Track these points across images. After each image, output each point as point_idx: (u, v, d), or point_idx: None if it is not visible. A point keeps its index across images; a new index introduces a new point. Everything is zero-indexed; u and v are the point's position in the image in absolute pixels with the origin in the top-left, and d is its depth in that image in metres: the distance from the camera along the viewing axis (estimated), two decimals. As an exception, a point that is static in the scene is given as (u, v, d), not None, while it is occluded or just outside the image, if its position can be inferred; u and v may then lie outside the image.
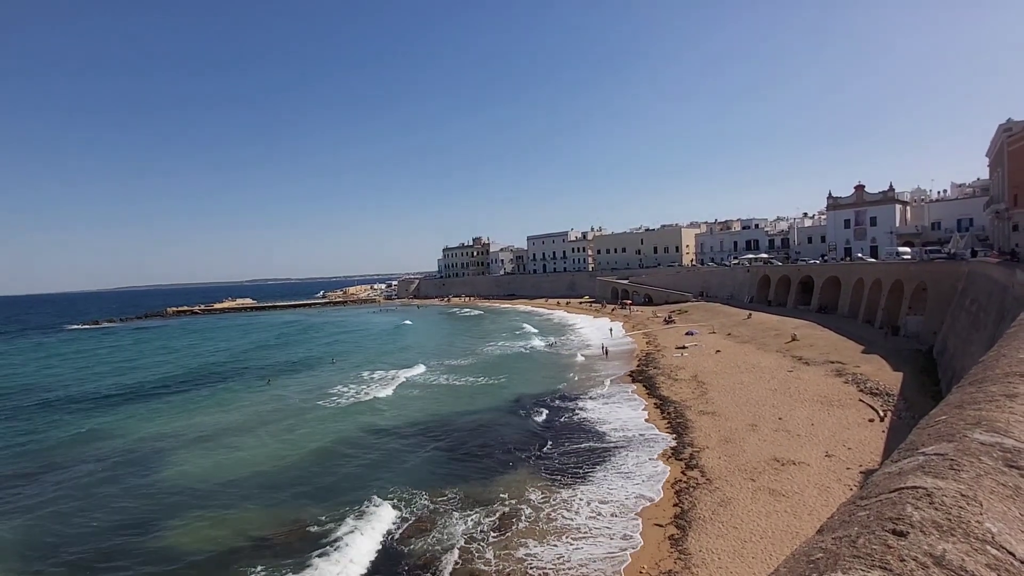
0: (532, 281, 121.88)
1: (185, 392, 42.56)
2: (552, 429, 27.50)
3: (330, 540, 17.39)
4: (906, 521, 1.35)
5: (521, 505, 18.88)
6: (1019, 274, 18.44)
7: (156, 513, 20.33)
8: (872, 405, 24.38)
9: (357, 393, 38.46)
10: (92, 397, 42.10)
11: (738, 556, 14.19)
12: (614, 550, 15.65)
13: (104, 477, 24.45)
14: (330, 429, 30.02)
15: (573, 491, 19.68)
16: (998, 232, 45.02)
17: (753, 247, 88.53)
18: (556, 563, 15.24)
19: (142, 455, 27.30)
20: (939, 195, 73.71)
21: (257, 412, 34.77)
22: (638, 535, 16.33)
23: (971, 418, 2.20)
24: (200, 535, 18.43)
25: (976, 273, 28.58)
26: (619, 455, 22.81)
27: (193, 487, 22.69)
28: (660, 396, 31.01)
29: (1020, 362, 3.12)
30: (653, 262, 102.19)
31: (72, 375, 53.02)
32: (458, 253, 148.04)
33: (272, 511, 19.90)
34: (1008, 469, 1.70)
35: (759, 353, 38.77)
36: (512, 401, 33.85)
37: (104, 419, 34.99)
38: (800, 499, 16.67)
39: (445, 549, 16.44)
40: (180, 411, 36.29)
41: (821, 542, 1.40)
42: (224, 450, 27.42)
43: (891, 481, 1.69)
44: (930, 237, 62.66)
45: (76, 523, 19.89)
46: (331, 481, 22.53)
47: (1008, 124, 42.50)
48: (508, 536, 16.91)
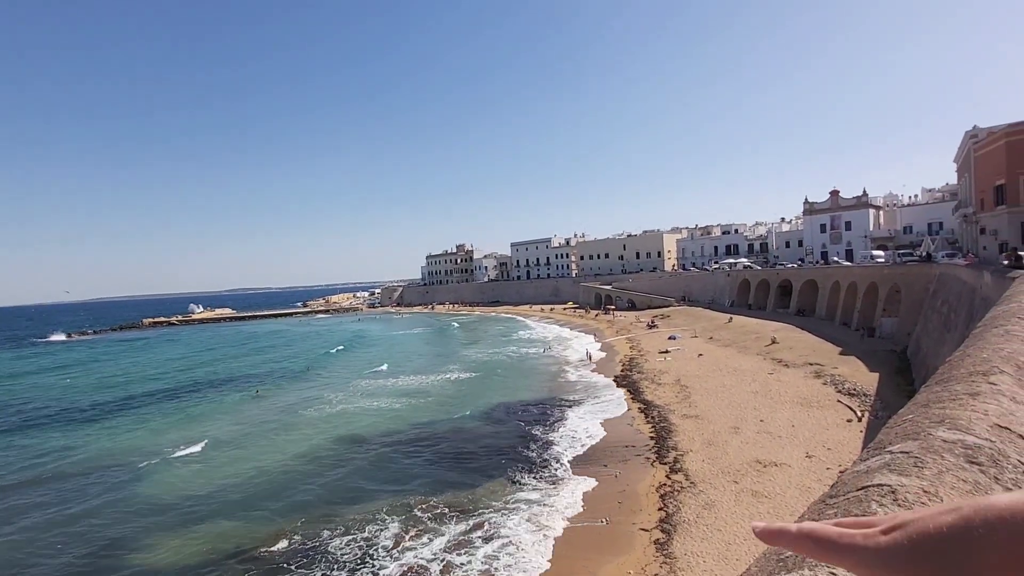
0: (516, 288, 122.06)
1: (160, 404, 41.53)
2: (534, 435, 27.45)
3: (312, 551, 17.08)
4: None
5: (506, 512, 18.80)
6: (986, 276, 19.05)
7: (132, 529, 19.76)
8: (850, 406, 24.88)
9: (332, 403, 37.96)
10: (66, 413, 40.82)
11: (723, 558, 14.31)
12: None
13: (79, 493, 23.70)
14: (310, 440, 29.55)
15: (557, 495, 19.66)
16: (966, 235, 46.50)
17: (733, 252, 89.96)
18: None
19: (118, 470, 26.53)
20: (910, 200, 76.01)
21: (237, 424, 34.08)
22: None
23: (936, 416, 2.27)
24: (178, 550, 17.95)
25: (946, 275, 29.45)
26: (603, 458, 22.87)
27: (170, 502, 22.10)
28: (644, 400, 31.22)
29: (984, 361, 3.23)
30: (635, 267, 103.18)
31: (44, 392, 51.37)
32: (442, 260, 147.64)
33: (251, 524, 19.48)
34: (968, 465, 1.76)
35: (740, 356, 39.33)
36: (492, 408, 33.73)
37: (78, 435, 33.99)
38: (782, 500, 16.91)
39: (429, 559, 16.26)
40: (153, 424, 35.40)
41: (790, 541, 1.43)
42: (201, 464, 26.80)
43: (858, 479, 1.74)
44: (902, 241, 64.45)
45: (49, 541, 19.22)
46: (313, 492, 22.15)
47: (974, 131, 44.06)
48: (495, 544, 16.79)
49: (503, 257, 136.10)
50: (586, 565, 15.34)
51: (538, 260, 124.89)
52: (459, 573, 15.51)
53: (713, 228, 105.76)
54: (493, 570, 15.54)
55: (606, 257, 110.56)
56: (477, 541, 17.13)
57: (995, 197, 37.06)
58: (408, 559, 16.41)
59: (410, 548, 17.03)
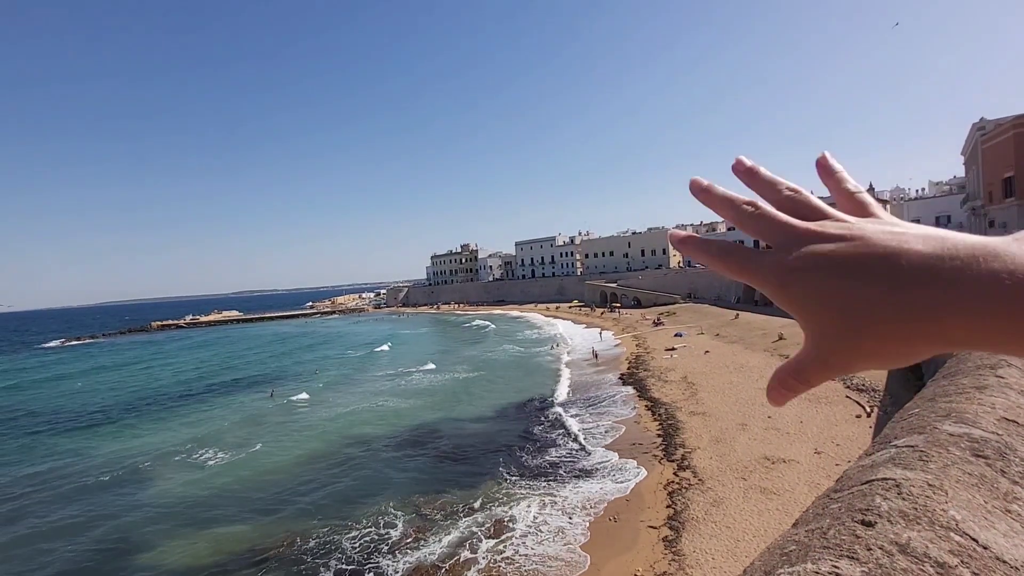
0: (521, 287, 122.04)
1: (173, 406, 41.90)
2: (539, 433, 27.49)
3: (321, 552, 17.19)
4: (874, 512, 1.40)
5: (512, 510, 18.85)
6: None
7: (141, 530, 19.96)
8: (858, 401, 24.74)
9: (343, 404, 38.16)
10: (77, 415, 41.27)
11: (732, 555, 14.29)
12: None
13: (88, 494, 23.98)
14: (322, 440, 29.74)
15: (563, 493, 19.69)
16: (975, 228, 46.08)
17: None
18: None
19: (122, 472, 26.80)
20: (917, 193, 75.41)
21: (241, 424, 34.34)
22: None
23: (942, 410, 2.26)
24: (184, 551, 18.12)
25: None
26: (612, 457, 22.87)
27: (180, 503, 22.30)
28: (651, 398, 31.16)
29: (990, 354, 3.22)
30: (641, 265, 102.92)
31: (53, 394, 51.95)
32: (446, 260, 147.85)
33: (258, 526, 19.63)
34: (975, 459, 1.76)
35: (747, 353, 39.16)
36: (497, 407, 33.78)
37: (90, 436, 34.40)
38: (791, 496, 16.83)
39: (439, 558, 16.33)
40: (159, 426, 35.72)
41: (795, 535, 1.44)
42: (211, 465, 27.02)
43: (863, 473, 1.74)
44: (910, 234, 63.83)
45: (57, 541, 19.43)
46: (324, 492, 22.29)
47: (981, 123, 43.61)
48: (502, 542, 16.85)
49: (508, 256, 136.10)
50: (594, 563, 15.35)
51: (543, 259, 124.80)
52: (466, 570, 15.56)
53: (718, 224, 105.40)
54: (499, 566, 15.57)
55: (611, 255, 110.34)
56: (482, 538, 17.18)
57: (1003, 189, 36.69)
58: (416, 556, 16.49)
59: (417, 545, 17.11)
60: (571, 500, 19.31)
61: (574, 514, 18.27)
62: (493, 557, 16.14)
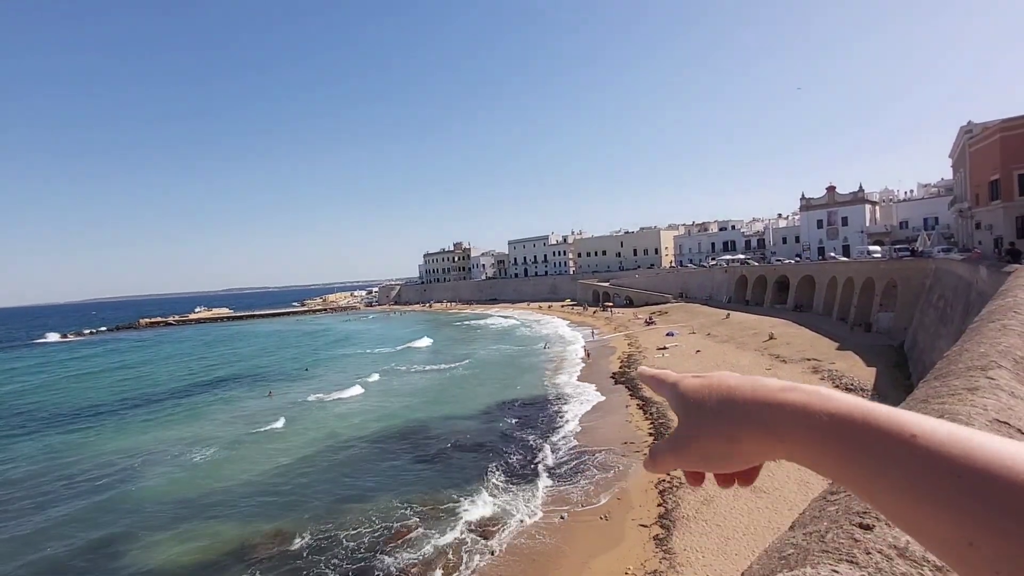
0: (514, 285, 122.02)
1: (152, 405, 41.45)
2: (532, 432, 27.50)
3: (308, 551, 17.10)
4: (872, 514, 1.39)
5: (504, 508, 18.85)
6: (982, 270, 19.13)
7: (135, 528, 19.75)
8: (847, 400, 24.97)
9: (337, 403, 38.00)
10: (72, 413, 40.74)
11: (721, 553, 14.38)
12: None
13: (82, 492, 23.79)
14: (317, 438, 29.57)
15: (555, 491, 19.71)
16: (962, 230, 46.66)
17: (730, 248, 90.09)
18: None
19: (122, 469, 26.53)
20: (906, 195, 76.08)
21: (226, 424, 34.06)
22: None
23: (934, 412, 2.27)
24: (169, 551, 17.97)
25: (943, 270, 29.55)
26: (601, 455, 22.92)
27: (174, 501, 22.09)
28: (642, 397, 31.26)
29: (981, 356, 3.24)
30: (633, 264, 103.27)
31: (40, 391, 51.22)
32: (439, 258, 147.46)
33: (244, 524, 19.49)
34: (969, 460, 1.76)
35: (738, 352, 39.42)
36: (489, 406, 33.76)
37: (85, 433, 34.09)
38: (780, 495, 16.96)
39: (427, 557, 16.30)
40: (146, 425, 35.35)
41: (792, 538, 1.44)
42: (206, 464, 26.79)
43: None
44: (899, 236, 64.60)
45: (52, 539, 19.17)
46: (318, 491, 22.17)
47: (969, 126, 44.08)
48: (492, 542, 16.84)
49: (501, 255, 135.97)
50: (585, 561, 15.39)
51: (536, 258, 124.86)
52: (459, 568, 15.54)
53: (710, 224, 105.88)
54: (492, 564, 15.56)
55: (603, 254, 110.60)
56: (475, 537, 17.16)
57: (990, 192, 37.15)
58: (408, 555, 16.44)
59: (409, 544, 17.06)
60: (562, 498, 19.35)
61: (565, 512, 18.32)
62: (485, 555, 16.13)
